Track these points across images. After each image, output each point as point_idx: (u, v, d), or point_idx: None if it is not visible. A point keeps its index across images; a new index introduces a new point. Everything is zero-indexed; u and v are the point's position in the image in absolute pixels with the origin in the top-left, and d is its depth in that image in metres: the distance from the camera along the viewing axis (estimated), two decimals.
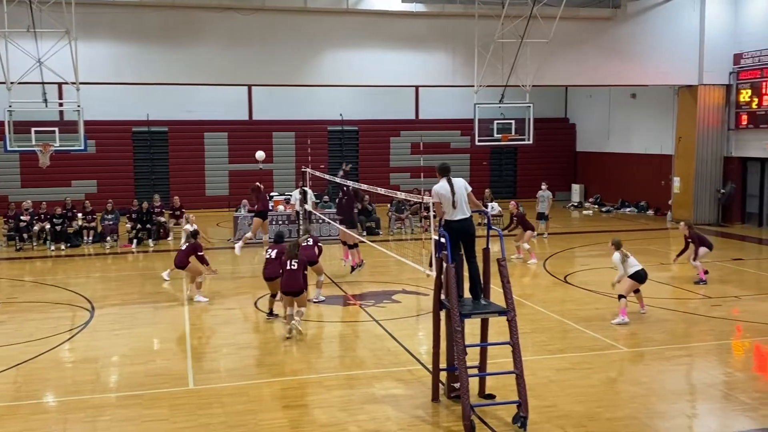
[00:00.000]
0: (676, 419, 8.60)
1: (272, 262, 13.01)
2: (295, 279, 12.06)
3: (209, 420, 8.59)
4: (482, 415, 8.53)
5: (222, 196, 30.68)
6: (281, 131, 31.51)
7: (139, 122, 30.26)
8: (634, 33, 24.98)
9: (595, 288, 15.38)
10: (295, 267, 12.10)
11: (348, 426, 8.38)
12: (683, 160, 26.46)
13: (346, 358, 11.12)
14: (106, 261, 20.01)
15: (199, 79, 23.23)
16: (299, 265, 12.16)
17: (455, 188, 8.92)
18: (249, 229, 22.05)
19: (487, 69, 22.94)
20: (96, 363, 10.87)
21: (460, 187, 8.97)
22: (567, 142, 35.12)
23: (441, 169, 9.18)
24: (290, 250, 12.32)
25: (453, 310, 8.47)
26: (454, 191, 8.90)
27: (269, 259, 13.12)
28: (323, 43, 23.05)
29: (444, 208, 8.96)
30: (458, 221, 8.92)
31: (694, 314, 13.38)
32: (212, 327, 12.79)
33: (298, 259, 12.21)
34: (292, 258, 12.18)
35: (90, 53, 20.33)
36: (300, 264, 12.20)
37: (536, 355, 10.86)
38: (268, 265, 13.11)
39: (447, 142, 32.94)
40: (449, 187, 8.92)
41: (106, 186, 28.95)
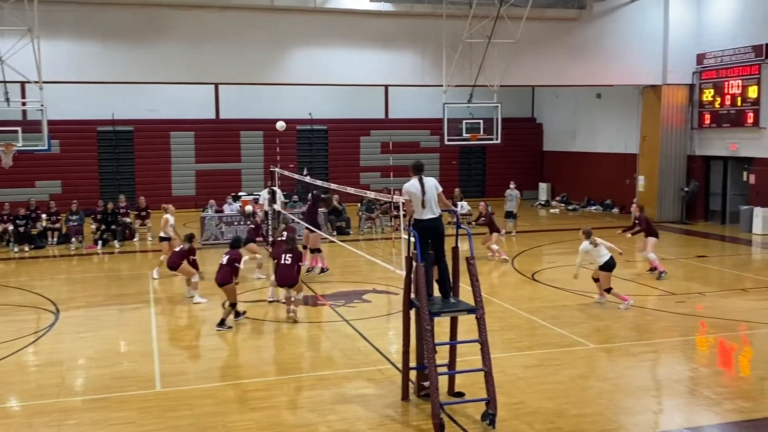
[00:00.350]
0: (642, 415, 8.72)
1: (224, 268, 12.59)
2: (290, 273, 12.61)
3: (177, 423, 8.50)
4: (452, 413, 8.56)
5: (189, 196, 30.41)
6: (249, 130, 31.31)
7: (104, 122, 29.85)
8: (600, 33, 25.29)
9: (563, 285, 15.54)
10: (289, 261, 12.60)
11: (317, 427, 8.35)
12: (647, 158, 26.86)
13: (315, 359, 11.09)
14: (71, 262, 19.70)
15: (165, 78, 22.98)
16: (293, 259, 12.60)
17: (426, 187, 8.94)
18: (216, 229, 21.95)
19: (455, 69, 23.05)
20: (61, 366, 10.70)
21: (430, 187, 8.99)
22: (534, 141, 35.45)
23: (414, 167, 9.19)
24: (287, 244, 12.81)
25: (422, 308, 8.49)
26: (425, 190, 8.92)
27: (221, 265, 12.68)
28: (291, 42, 22.97)
29: (414, 206, 8.97)
30: (427, 220, 8.94)
31: (659, 311, 13.59)
32: (179, 329, 12.66)
33: (293, 254, 12.60)
34: (287, 252, 12.62)
35: (53, 51, 20.00)
36: (294, 258, 12.63)
37: (505, 353, 10.94)
38: (219, 270, 12.65)
39: (416, 142, 33.03)
40: (420, 185, 8.93)
41: (71, 186, 28.52)
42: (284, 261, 12.69)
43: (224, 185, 28.99)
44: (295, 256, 12.77)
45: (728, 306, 13.88)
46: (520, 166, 34.04)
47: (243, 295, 15.03)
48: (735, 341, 11.90)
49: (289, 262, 12.64)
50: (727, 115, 24.52)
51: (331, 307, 14.05)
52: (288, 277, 12.70)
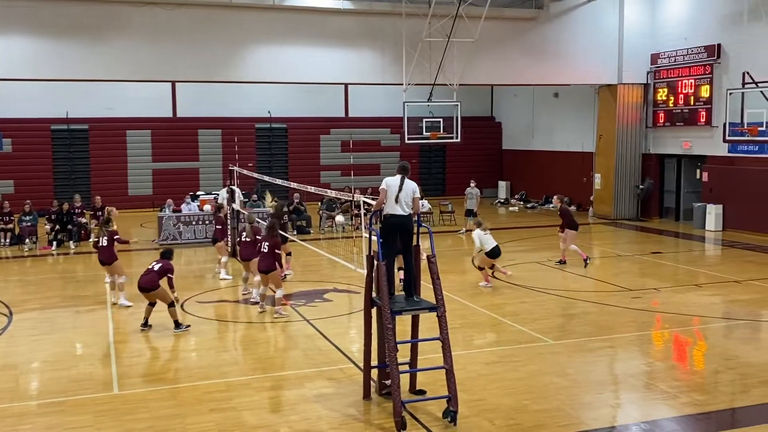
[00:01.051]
0: (601, 409, 8.85)
1: (151, 273, 12.33)
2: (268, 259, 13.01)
3: (135, 425, 8.37)
4: (413, 411, 8.58)
5: (145, 195, 29.99)
6: (207, 128, 30.97)
7: (59, 120, 29.25)
8: (557, 33, 25.61)
9: (522, 282, 15.69)
10: (266, 250, 12.99)
11: (279, 427, 8.30)
12: (604, 157, 27.28)
13: (276, 359, 11.02)
14: (24, 264, 19.26)
15: (121, 75, 22.59)
16: (270, 247, 12.96)
17: (404, 186, 9.03)
18: (173, 229, 21.67)
19: (415, 67, 23.12)
20: (15, 370, 10.45)
21: (409, 187, 9.10)
22: (493, 140, 35.76)
23: (400, 167, 9.32)
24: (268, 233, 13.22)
25: (384, 307, 8.50)
26: (402, 188, 8.99)
27: (150, 270, 12.39)
28: (250, 39, 22.79)
29: (386, 199, 8.99)
30: (398, 216, 8.98)
31: (615, 306, 13.80)
32: (136, 330, 12.45)
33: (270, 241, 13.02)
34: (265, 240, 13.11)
35: (6, 48, 19.58)
36: (270, 246, 12.99)
37: (466, 350, 11.00)
38: (147, 274, 12.34)
39: (377, 140, 33.05)
40: (400, 183, 9.01)
41: (24, 186, 27.88)
42: (263, 249, 13.09)
43: (182, 184, 28.65)
44: (272, 244, 13.04)
45: (683, 301, 14.18)
46: (480, 165, 34.33)
47: (204, 295, 14.88)
48: (689, 335, 12.16)
49: (266, 250, 13.01)
50: (681, 113, 25.03)
51: (292, 306, 13.97)
52: (264, 262, 13.03)
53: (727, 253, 20.07)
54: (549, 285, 15.58)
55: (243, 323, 12.93)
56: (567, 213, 17.52)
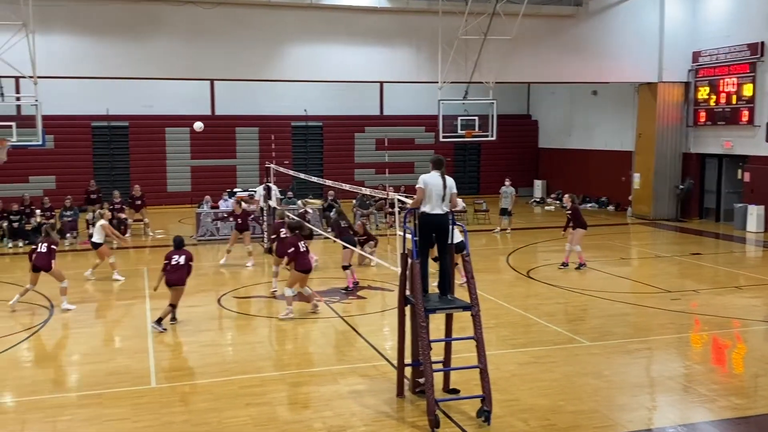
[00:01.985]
0: (637, 411, 8.74)
1: (180, 268, 12.22)
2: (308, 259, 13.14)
3: (172, 419, 8.49)
4: (447, 410, 8.57)
5: (184, 191, 30.36)
6: (244, 126, 31.25)
7: (99, 117, 29.76)
8: (596, 30, 25.30)
9: (557, 283, 15.55)
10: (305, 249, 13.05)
11: (313, 423, 8.35)
12: (643, 156, 26.89)
13: (310, 355, 11.08)
14: (65, 258, 19.62)
15: (161, 74, 22.89)
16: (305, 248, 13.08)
17: (447, 183, 8.85)
18: (211, 225, 21.91)
19: (451, 65, 23.05)
20: (55, 362, 10.68)
21: (451, 185, 8.91)
22: (529, 138, 35.47)
23: (434, 161, 9.06)
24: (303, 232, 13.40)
25: (418, 305, 8.49)
26: (446, 185, 8.84)
27: (176, 266, 12.22)
28: (287, 38, 22.92)
29: (426, 198, 8.87)
30: (436, 215, 8.85)
31: (653, 308, 13.61)
32: (174, 324, 12.62)
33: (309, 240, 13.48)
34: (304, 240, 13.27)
35: (48, 46, 19.93)
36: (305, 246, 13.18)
37: (500, 350, 10.94)
38: (176, 270, 12.21)
39: (411, 138, 33.02)
40: (442, 180, 8.84)
41: (65, 182, 28.42)
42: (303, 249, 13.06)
43: (219, 181, 28.96)
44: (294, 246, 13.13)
45: (722, 303, 13.92)
46: (516, 163, 34.09)
47: (240, 290, 15.03)
48: (729, 338, 11.93)
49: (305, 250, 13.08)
50: (722, 112, 24.57)
51: (326, 303, 14.04)
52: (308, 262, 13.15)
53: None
54: (585, 286, 15.41)
55: (277, 319, 13.01)
56: (578, 212, 17.26)
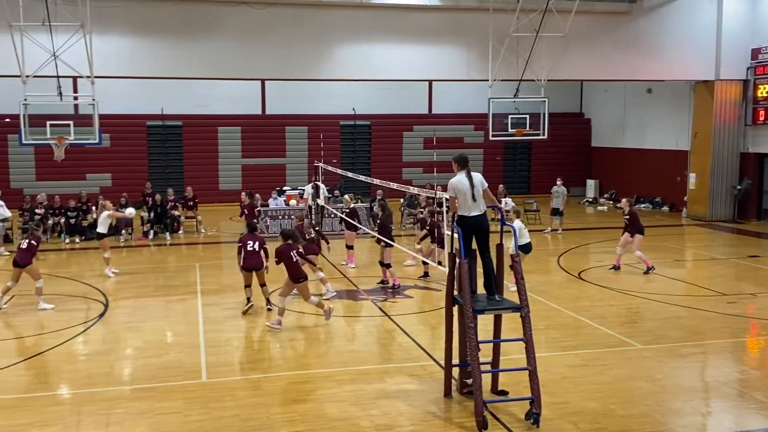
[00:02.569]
0: (691, 417, 8.53)
1: (256, 254, 13.15)
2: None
3: (222, 413, 8.60)
4: (495, 411, 8.49)
5: (235, 190, 30.72)
6: (294, 126, 31.52)
7: (154, 116, 30.37)
8: (651, 27, 24.78)
9: (609, 284, 15.28)
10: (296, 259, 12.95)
11: (360, 421, 8.36)
12: (699, 155, 26.25)
13: (357, 353, 11.10)
14: (120, 254, 20.06)
15: (213, 74, 23.23)
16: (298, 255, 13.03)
17: (474, 182, 8.80)
18: (261, 223, 22.11)
19: (501, 63, 22.84)
20: (110, 355, 10.93)
21: (478, 182, 8.85)
22: (582, 137, 34.95)
23: (459, 160, 8.97)
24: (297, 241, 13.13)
25: (466, 305, 8.43)
26: (473, 184, 8.79)
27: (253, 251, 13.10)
28: (336, 38, 23.02)
29: (459, 202, 8.83)
30: (473, 217, 8.82)
31: (708, 311, 13.27)
32: (225, 320, 12.80)
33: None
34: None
35: (105, 47, 20.39)
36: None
37: (550, 352, 10.80)
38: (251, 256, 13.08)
39: (460, 137, 32.84)
40: (468, 181, 8.80)
41: (121, 180, 29.08)
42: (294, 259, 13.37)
43: (269, 179, 29.28)
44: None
45: None
46: (567, 163, 33.62)
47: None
48: None
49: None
50: None
51: (373, 302, 14.06)
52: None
53: None
54: (638, 288, 15.11)
55: (323, 316, 13.07)
56: (637, 217, 16.86)
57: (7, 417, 8.54)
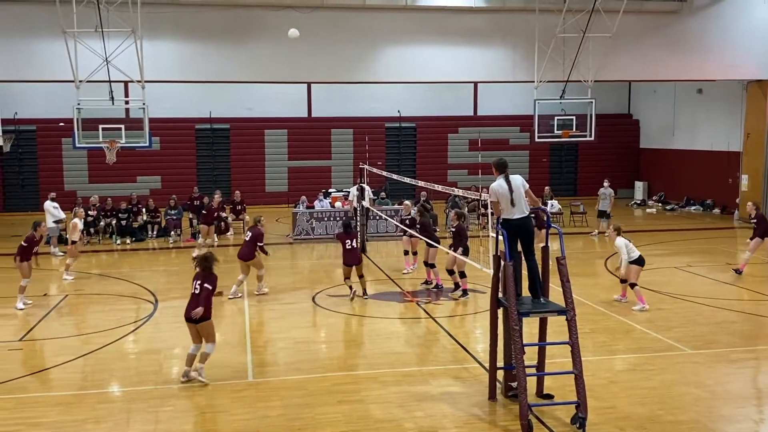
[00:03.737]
0: (742, 423, 8.33)
1: (356, 250, 14.38)
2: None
3: (268, 412, 8.70)
4: (540, 415, 8.42)
5: (281, 192, 31.08)
6: (339, 128, 31.71)
7: (202, 120, 30.87)
8: (701, 26, 24.28)
9: (659, 288, 15.01)
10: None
11: (404, 422, 8.38)
12: (752, 157, 25.61)
13: (402, 355, 11.11)
14: (169, 255, 20.47)
15: (259, 77, 23.55)
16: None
17: (513, 186, 8.77)
18: (306, 225, 22.28)
19: (547, 64, 22.64)
20: (159, 354, 11.14)
21: (518, 185, 8.81)
22: (630, 138, 34.38)
23: (498, 165, 8.98)
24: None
25: (511, 308, 8.38)
26: (512, 189, 8.76)
27: (354, 248, 14.30)
28: (381, 40, 23.10)
29: (502, 206, 8.82)
30: (517, 219, 8.79)
31: (761, 316, 12.94)
32: (271, 321, 12.95)
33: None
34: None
35: (154, 52, 20.83)
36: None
37: (596, 356, 10.66)
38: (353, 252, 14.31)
39: (506, 139, 32.63)
40: (507, 185, 8.78)
41: (170, 182, 29.62)
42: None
43: (315, 182, 29.50)
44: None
45: None
46: (615, 164, 33.13)
47: (334, 288, 15.25)
48: None
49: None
50: None
51: (418, 303, 14.06)
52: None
53: None
54: (689, 292, 14.81)
55: (369, 317, 13.13)
56: (764, 220, 16.45)
57: (63, 413, 8.78)
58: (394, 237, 22.15)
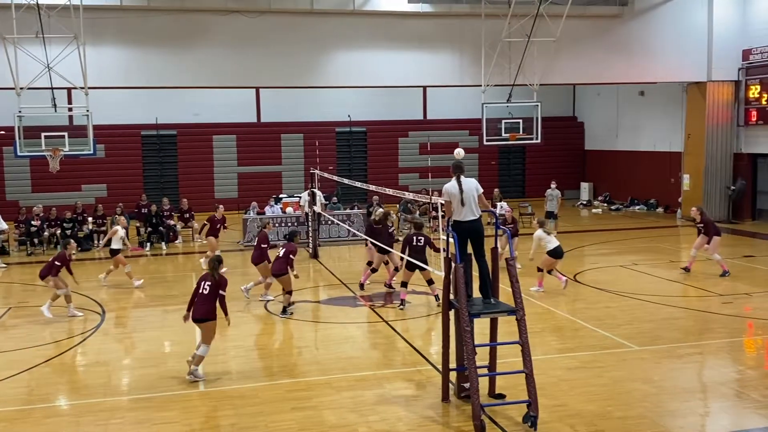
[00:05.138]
0: (688, 417, 8.57)
1: (280, 260, 13.56)
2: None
3: (220, 422, 8.62)
4: (492, 415, 8.52)
5: (231, 198, 30.74)
6: (289, 133, 31.56)
7: (148, 126, 30.37)
8: (642, 30, 24.90)
9: (606, 287, 15.33)
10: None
11: (358, 427, 8.38)
12: (693, 156, 26.36)
13: (355, 359, 11.12)
14: None
15: (207, 82, 23.27)
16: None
17: (464, 188, 8.91)
18: (257, 231, 22.11)
19: (494, 68, 22.92)
20: (107, 366, 10.93)
21: (470, 188, 8.96)
22: (575, 140, 35.04)
23: (453, 167, 9.18)
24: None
25: (462, 310, 8.47)
26: (462, 190, 8.90)
27: (278, 257, 13.63)
28: (330, 45, 23.09)
29: (453, 206, 8.96)
30: (467, 222, 8.92)
31: (705, 312, 13.32)
32: (221, 330, 12.79)
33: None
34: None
35: (98, 58, 20.44)
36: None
37: (546, 355, 10.84)
38: (275, 261, 13.69)
39: (455, 142, 32.74)
40: (458, 186, 8.91)
41: (116, 190, 29.05)
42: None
43: (265, 187, 29.29)
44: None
45: None
46: (561, 166, 33.70)
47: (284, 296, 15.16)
48: None
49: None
50: None
51: (371, 307, 14.08)
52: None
53: None
54: (634, 289, 15.17)
55: (323, 323, 13.10)
56: (711, 224, 16.87)
57: (7, 429, 8.54)
58: (347, 242, 22.18)
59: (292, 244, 13.70)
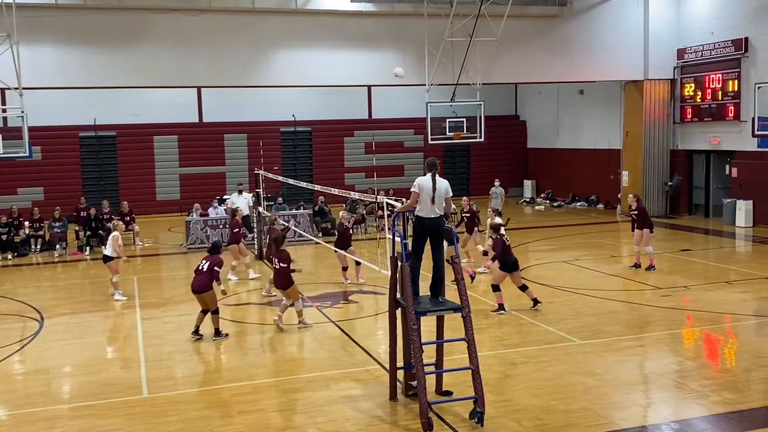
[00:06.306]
0: (631, 409, 8.76)
1: (202, 274, 11.99)
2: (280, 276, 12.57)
3: (165, 428, 8.45)
4: (440, 412, 8.57)
5: (173, 200, 30.26)
6: (232, 133, 31.19)
7: (86, 127, 29.62)
8: (581, 30, 25.42)
9: (549, 282, 15.58)
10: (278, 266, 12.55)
11: (306, 429, 8.33)
12: (631, 153, 27.01)
13: (302, 361, 11.06)
14: (55, 270, 19.55)
15: (147, 82, 22.82)
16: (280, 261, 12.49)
17: (437, 186, 8.90)
18: (201, 233, 21.81)
19: (437, 67, 23.09)
20: (47, 374, 10.62)
21: (442, 189, 8.95)
22: (518, 138, 35.56)
23: (427, 164, 9.18)
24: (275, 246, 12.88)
25: (408, 308, 8.50)
26: (435, 188, 8.88)
27: (199, 271, 12.05)
28: (273, 44, 22.91)
29: (421, 199, 8.91)
30: (430, 219, 8.91)
31: (644, 305, 13.65)
32: (165, 334, 12.58)
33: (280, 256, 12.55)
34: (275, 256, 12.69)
35: (33, 57, 19.83)
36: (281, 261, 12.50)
37: (492, 351, 10.96)
38: (196, 276, 12.06)
39: (400, 141, 33.04)
40: (432, 182, 8.91)
41: (54, 193, 28.27)
42: (275, 266, 12.68)
43: (209, 189, 28.86)
44: (282, 259, 12.65)
45: (713, 299, 13.98)
46: (505, 164, 34.17)
47: (229, 298, 14.99)
48: (720, 333, 11.99)
49: (277, 267, 12.59)
50: (709, 109, 24.69)
51: (318, 308, 14.02)
52: (279, 280, 12.65)
53: (758, 250, 19.76)
54: (576, 284, 15.46)
55: (269, 325, 12.98)
56: (646, 213, 17.09)
57: None
58: (293, 243, 22.02)
59: (217, 257, 12.14)
